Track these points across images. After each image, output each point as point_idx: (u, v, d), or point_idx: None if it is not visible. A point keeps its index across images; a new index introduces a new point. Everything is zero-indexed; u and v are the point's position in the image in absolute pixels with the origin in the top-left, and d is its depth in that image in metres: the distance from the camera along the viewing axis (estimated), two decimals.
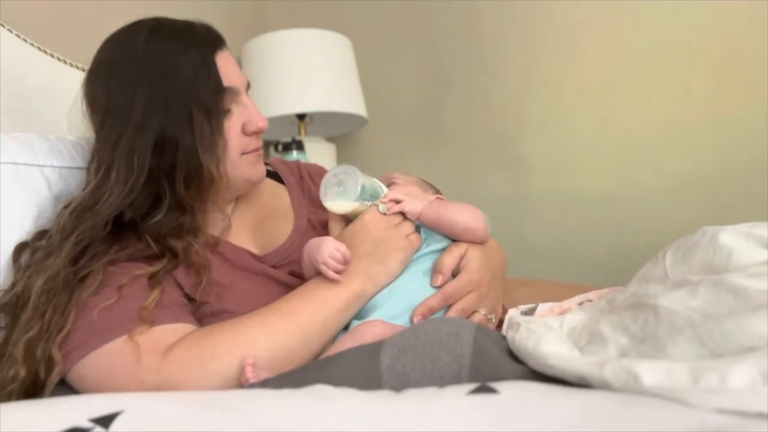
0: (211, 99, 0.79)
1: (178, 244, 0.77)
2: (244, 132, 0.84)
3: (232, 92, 0.82)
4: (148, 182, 0.77)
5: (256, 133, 0.85)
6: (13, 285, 0.74)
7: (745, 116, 1.60)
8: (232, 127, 0.82)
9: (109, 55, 0.82)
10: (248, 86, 0.88)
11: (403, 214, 0.81)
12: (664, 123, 1.70)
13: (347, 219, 0.83)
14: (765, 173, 1.55)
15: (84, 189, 0.79)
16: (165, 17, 0.84)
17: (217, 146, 0.79)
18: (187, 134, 0.77)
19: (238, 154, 0.83)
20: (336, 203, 0.81)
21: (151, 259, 0.75)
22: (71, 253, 0.72)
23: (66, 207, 0.77)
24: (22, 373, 0.65)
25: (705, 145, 1.65)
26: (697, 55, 1.65)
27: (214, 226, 0.85)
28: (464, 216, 0.81)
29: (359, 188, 0.79)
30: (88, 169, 0.81)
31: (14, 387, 0.65)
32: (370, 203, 0.81)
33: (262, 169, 0.88)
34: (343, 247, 0.75)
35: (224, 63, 0.82)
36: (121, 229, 0.77)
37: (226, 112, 0.81)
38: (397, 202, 0.80)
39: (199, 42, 0.81)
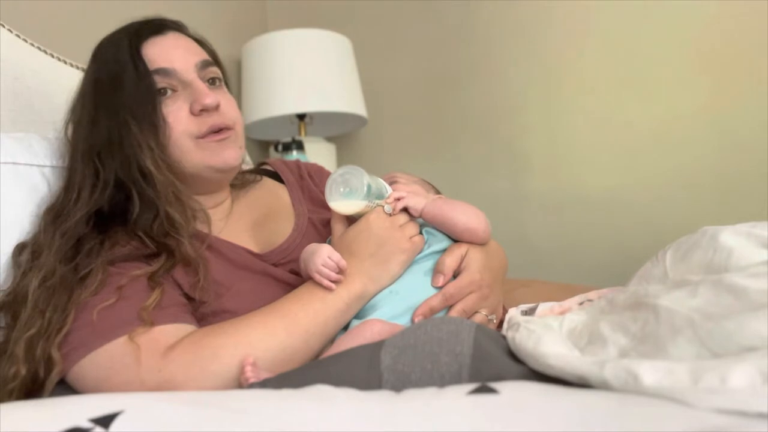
0: (138, 86, 0.79)
1: (171, 242, 0.77)
2: (192, 112, 0.82)
3: (166, 73, 0.81)
4: (115, 181, 0.79)
5: (204, 111, 0.82)
6: (12, 285, 0.74)
7: (744, 116, 1.60)
8: (177, 110, 0.81)
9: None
10: (205, 64, 0.85)
11: (407, 212, 0.81)
12: (664, 123, 1.70)
13: (350, 219, 0.83)
14: (765, 173, 1.55)
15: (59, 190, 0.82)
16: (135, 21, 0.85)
17: (157, 135, 0.78)
18: (122, 129, 0.78)
19: (188, 137, 0.81)
20: (342, 204, 0.80)
21: (148, 258, 0.75)
22: (62, 249, 0.73)
23: (46, 209, 0.80)
24: (23, 371, 0.65)
25: (705, 144, 1.65)
26: (697, 55, 1.65)
27: (202, 222, 0.83)
28: (466, 215, 0.81)
29: (365, 188, 0.78)
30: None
31: (15, 385, 0.65)
32: (375, 204, 0.80)
33: (227, 156, 0.83)
34: (336, 255, 0.74)
35: (160, 47, 0.82)
36: (107, 222, 0.77)
37: (161, 94, 0.80)
38: (400, 199, 0.80)
39: (130, 33, 0.82)
